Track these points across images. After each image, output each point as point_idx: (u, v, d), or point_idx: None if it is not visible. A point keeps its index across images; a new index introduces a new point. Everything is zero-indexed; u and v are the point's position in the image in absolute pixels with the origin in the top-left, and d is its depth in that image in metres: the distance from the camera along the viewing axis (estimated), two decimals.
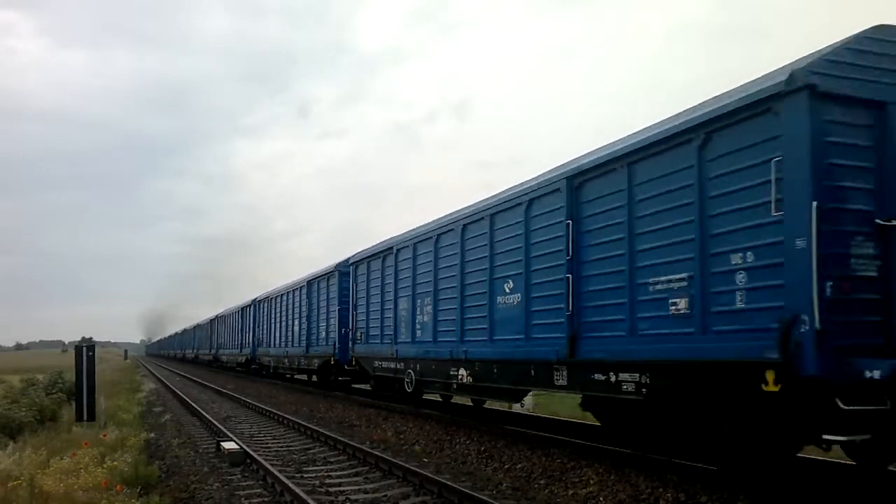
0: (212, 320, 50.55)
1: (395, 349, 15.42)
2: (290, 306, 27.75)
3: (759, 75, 6.89)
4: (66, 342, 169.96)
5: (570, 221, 9.24)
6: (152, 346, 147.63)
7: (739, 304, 6.74)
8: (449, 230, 13.00)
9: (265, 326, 32.60)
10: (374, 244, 17.34)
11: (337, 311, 20.90)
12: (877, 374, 5.91)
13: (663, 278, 7.65)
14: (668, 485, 7.91)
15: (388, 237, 16.52)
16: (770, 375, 6.34)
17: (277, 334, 29.83)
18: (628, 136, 8.56)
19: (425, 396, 16.45)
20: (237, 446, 11.63)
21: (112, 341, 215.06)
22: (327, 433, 13.41)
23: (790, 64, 6.57)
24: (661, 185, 7.75)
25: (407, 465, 9.69)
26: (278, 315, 29.88)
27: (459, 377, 12.47)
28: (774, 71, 6.68)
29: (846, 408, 5.90)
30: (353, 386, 21.59)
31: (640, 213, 8.05)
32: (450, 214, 13.22)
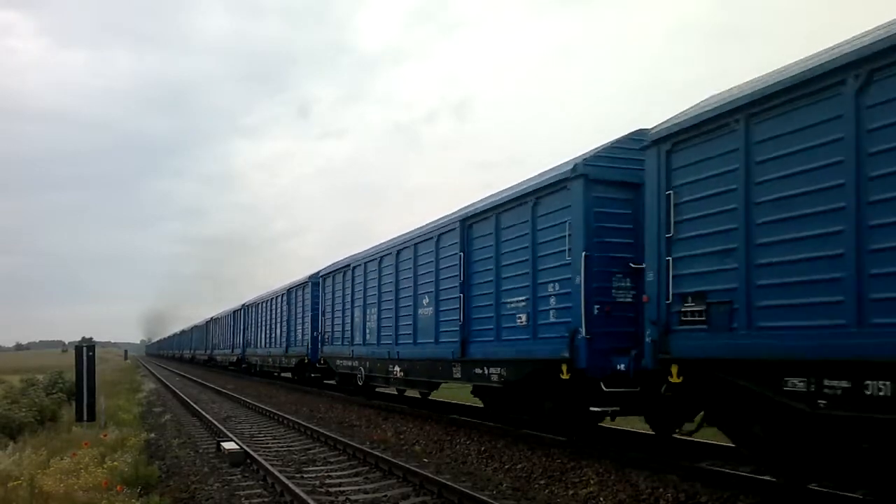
0: (207, 322, 52.45)
1: (352, 350, 18.61)
2: (274, 311, 31.54)
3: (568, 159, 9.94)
4: (66, 342, 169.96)
5: (461, 253, 12.39)
6: (152, 347, 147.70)
7: (552, 319, 9.85)
8: (387, 253, 16.25)
9: (253, 329, 36.48)
10: (338, 260, 20.74)
11: (310, 317, 24.32)
12: (622, 366, 9.00)
13: (514, 300, 10.79)
14: (668, 485, 7.91)
15: (352, 253, 19.53)
16: (564, 367, 9.40)
17: (263, 336, 33.95)
18: (497, 191, 11.78)
19: (377, 389, 19.76)
20: (237, 446, 11.64)
21: (112, 341, 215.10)
22: (327, 433, 13.41)
23: (576, 157, 9.73)
24: (514, 231, 10.87)
25: (407, 466, 9.70)
26: (264, 319, 33.84)
27: (394, 372, 15.67)
28: (569, 160, 9.85)
29: (606, 390, 8.98)
30: (324, 381, 25.06)
31: (503, 251, 11.19)
32: (388, 240, 16.55)
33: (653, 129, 7.98)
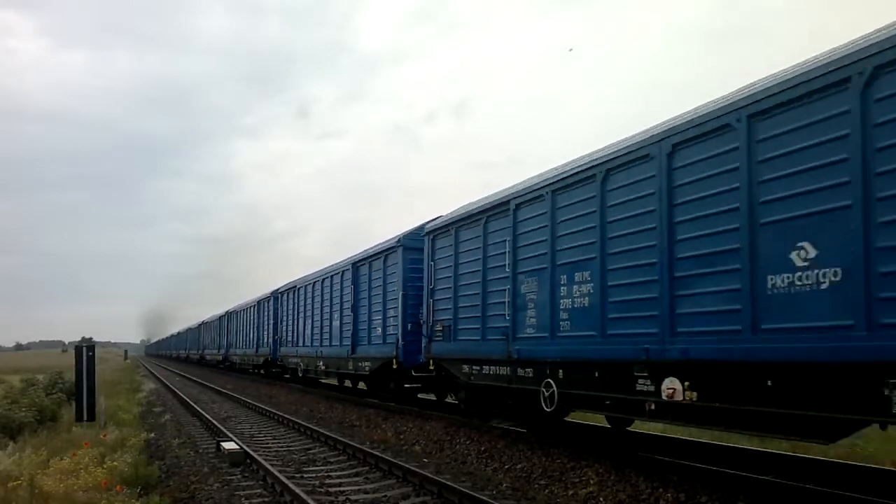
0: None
1: (297, 350, 20.11)
2: (248, 318, 30.98)
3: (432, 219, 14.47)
4: (66, 342, 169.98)
5: (352, 286, 19.44)
6: (151, 347, 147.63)
7: (390, 332, 16.78)
8: (314, 280, 24.09)
9: (234, 332, 35.03)
10: (290, 281, 22.21)
11: (272, 325, 23.37)
12: (421, 358, 14.29)
13: (375, 319, 17.85)
14: (668, 485, 7.91)
15: (304, 274, 21.35)
16: (394, 363, 15.91)
17: (240, 339, 32.49)
18: (360, 250, 18.48)
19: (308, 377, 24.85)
20: (237, 446, 11.64)
21: (112, 341, 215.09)
22: (327, 433, 13.41)
23: (401, 233, 16.34)
24: (375, 276, 17.90)
25: (407, 466, 9.70)
26: (241, 324, 32.72)
27: (320, 366, 22.92)
28: (395, 236, 16.61)
29: (415, 374, 15.50)
30: (284, 376, 23.38)
31: (371, 287, 18.46)
32: (315, 271, 24.20)
33: (427, 224, 14.26)
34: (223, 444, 12.04)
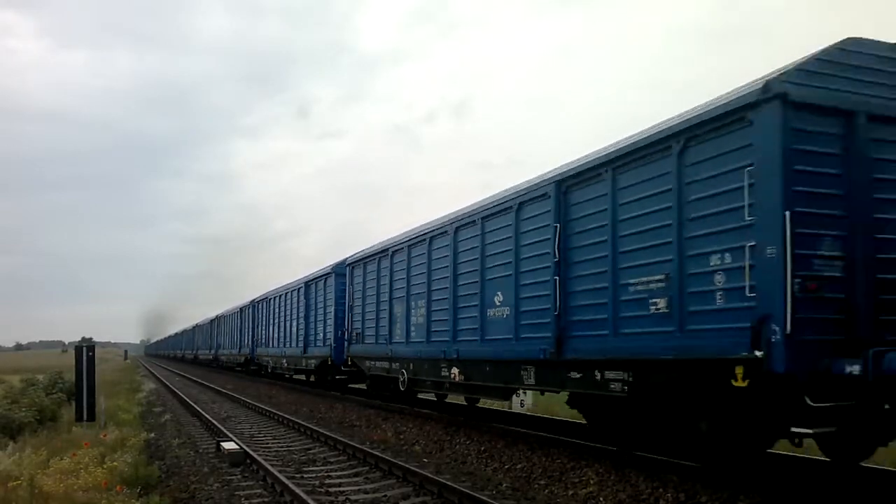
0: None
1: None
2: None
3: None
4: (66, 342, 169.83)
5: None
6: (151, 347, 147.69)
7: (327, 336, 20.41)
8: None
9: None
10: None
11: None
12: (344, 356, 18.87)
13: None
14: (668, 485, 7.91)
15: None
16: (329, 360, 20.82)
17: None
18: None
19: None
20: (237, 446, 11.64)
21: (112, 341, 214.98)
22: (327, 433, 13.41)
23: (333, 262, 20.75)
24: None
25: (407, 466, 9.70)
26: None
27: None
28: (329, 265, 21.49)
29: (343, 369, 19.83)
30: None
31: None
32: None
33: (348, 258, 18.62)
34: (223, 444, 12.04)
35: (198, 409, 19.35)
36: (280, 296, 29.21)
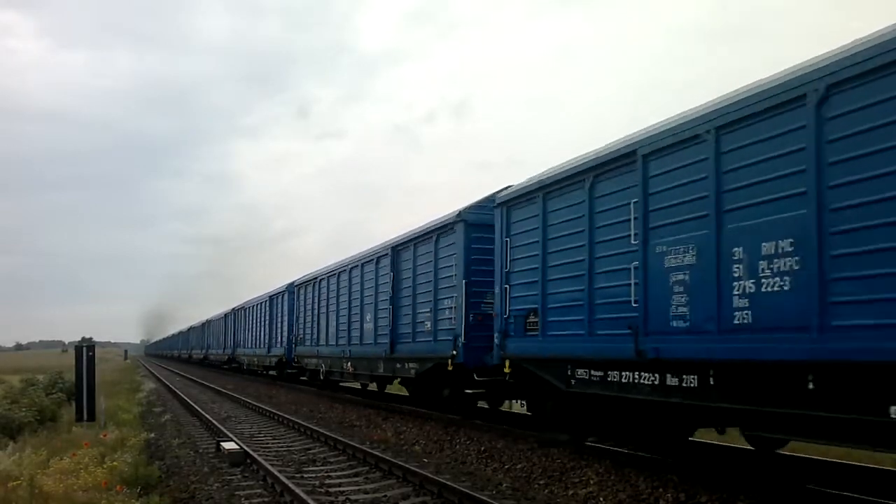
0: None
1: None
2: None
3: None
4: (66, 342, 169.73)
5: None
6: (151, 347, 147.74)
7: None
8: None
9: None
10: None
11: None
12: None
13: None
14: (668, 485, 7.91)
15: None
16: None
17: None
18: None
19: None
20: (237, 446, 11.63)
21: (112, 341, 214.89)
22: (327, 433, 13.41)
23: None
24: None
25: (407, 466, 9.69)
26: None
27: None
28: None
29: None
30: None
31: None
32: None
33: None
34: (223, 443, 12.04)
35: (198, 408, 19.35)
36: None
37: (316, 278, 23.80)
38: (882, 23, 5.89)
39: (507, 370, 11.07)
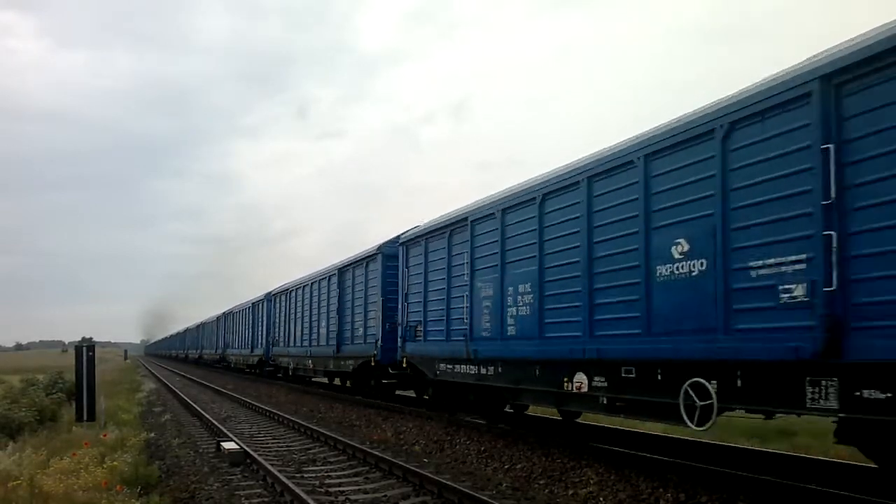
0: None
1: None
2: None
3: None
4: (66, 342, 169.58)
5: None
6: (150, 347, 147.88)
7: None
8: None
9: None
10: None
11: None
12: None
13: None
14: (668, 485, 7.91)
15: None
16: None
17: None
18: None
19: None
20: (237, 446, 11.64)
21: (112, 341, 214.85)
22: (327, 433, 13.41)
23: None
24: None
25: (407, 465, 9.69)
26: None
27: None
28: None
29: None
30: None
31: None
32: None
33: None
34: (223, 443, 12.04)
35: (198, 408, 19.35)
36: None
37: (288, 289, 27.63)
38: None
39: (405, 365, 15.06)
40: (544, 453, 10.23)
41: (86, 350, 15.22)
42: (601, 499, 7.97)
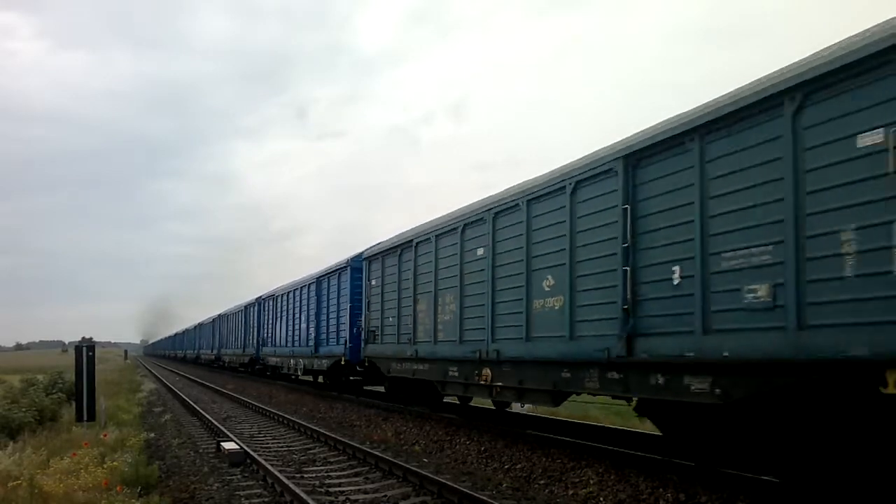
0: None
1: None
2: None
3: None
4: (66, 342, 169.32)
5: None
6: (149, 347, 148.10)
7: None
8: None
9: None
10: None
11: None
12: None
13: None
14: (668, 485, 7.91)
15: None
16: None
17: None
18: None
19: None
20: (237, 446, 11.64)
21: (112, 341, 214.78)
22: (327, 433, 13.41)
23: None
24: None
25: (407, 466, 9.70)
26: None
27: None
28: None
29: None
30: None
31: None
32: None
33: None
34: (223, 443, 12.05)
35: (198, 408, 19.36)
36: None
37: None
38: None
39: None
40: (544, 453, 10.23)
41: (86, 350, 15.19)
42: (601, 499, 7.97)
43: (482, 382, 11.26)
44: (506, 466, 10.02)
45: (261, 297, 33.65)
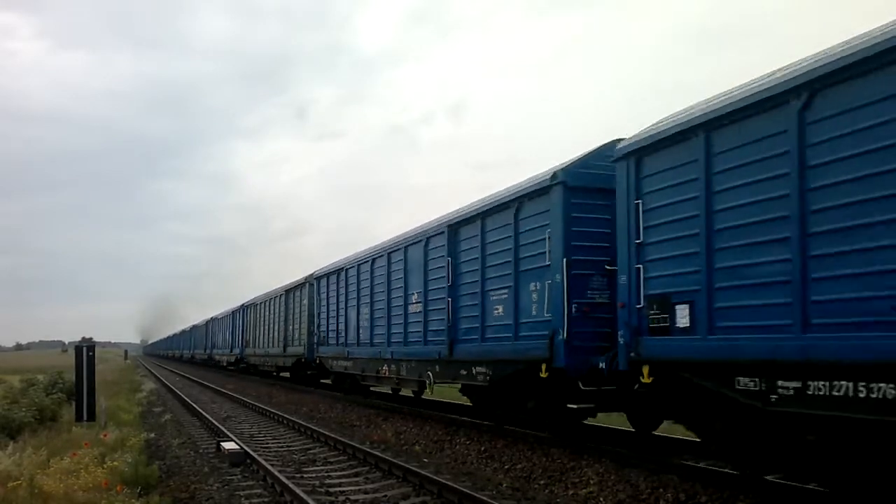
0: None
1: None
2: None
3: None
4: (66, 342, 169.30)
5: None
6: (149, 348, 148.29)
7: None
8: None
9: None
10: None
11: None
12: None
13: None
14: (668, 485, 7.91)
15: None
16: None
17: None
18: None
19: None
20: (237, 446, 11.64)
21: (112, 341, 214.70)
22: (327, 433, 13.41)
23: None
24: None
25: (407, 466, 9.70)
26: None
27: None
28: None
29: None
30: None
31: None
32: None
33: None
34: (223, 443, 12.05)
35: (198, 408, 19.36)
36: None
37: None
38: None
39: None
40: (544, 453, 10.22)
41: (86, 350, 15.20)
42: (601, 499, 7.97)
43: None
44: (506, 466, 10.01)
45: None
